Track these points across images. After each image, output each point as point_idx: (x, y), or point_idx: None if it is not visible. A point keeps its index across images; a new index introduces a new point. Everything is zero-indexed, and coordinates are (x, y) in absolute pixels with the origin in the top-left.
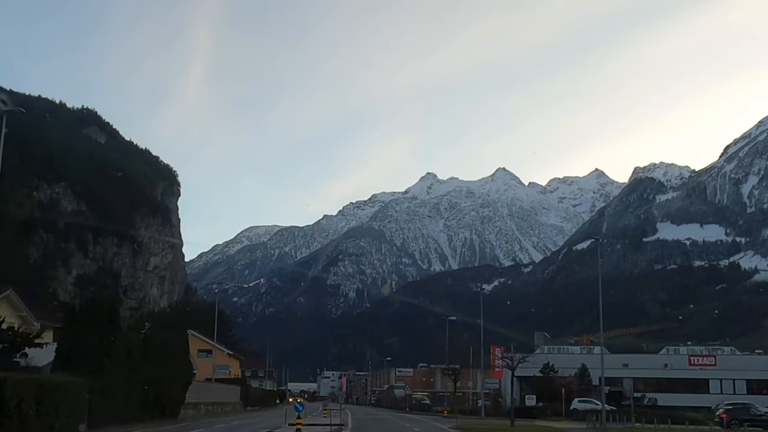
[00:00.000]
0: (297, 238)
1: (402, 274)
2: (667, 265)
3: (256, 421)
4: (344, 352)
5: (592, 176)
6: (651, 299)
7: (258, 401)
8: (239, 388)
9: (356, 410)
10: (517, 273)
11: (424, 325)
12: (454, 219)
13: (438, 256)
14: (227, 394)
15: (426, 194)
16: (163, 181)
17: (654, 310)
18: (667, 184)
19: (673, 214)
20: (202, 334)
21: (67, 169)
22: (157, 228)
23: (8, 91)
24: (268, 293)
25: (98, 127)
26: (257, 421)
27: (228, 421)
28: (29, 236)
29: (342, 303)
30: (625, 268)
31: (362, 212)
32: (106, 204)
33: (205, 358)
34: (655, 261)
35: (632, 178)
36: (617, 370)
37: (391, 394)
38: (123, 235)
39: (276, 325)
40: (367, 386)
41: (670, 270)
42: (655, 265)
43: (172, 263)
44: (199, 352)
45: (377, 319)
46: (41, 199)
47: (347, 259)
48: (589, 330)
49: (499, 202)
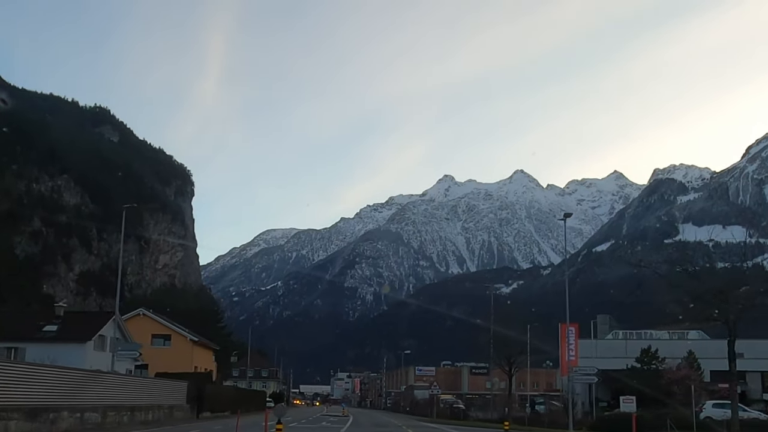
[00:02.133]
0: (314, 240)
1: (419, 276)
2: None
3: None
4: (361, 355)
5: (611, 178)
6: (673, 301)
7: (224, 405)
8: (186, 386)
9: (363, 416)
10: (536, 275)
11: (441, 328)
12: (472, 221)
13: (456, 258)
14: (163, 393)
15: (443, 196)
16: (176, 181)
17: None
18: (688, 186)
19: (695, 216)
20: (185, 325)
21: (69, 162)
22: (166, 226)
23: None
24: (285, 296)
25: (111, 126)
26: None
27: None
28: (17, 225)
29: (359, 306)
30: (645, 270)
31: (379, 215)
32: (112, 199)
33: (161, 347)
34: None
35: (652, 179)
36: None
37: (411, 395)
38: (129, 232)
39: (293, 329)
40: (381, 388)
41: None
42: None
43: (183, 263)
44: (153, 338)
45: (394, 322)
46: (41, 192)
47: (364, 262)
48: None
49: (517, 204)
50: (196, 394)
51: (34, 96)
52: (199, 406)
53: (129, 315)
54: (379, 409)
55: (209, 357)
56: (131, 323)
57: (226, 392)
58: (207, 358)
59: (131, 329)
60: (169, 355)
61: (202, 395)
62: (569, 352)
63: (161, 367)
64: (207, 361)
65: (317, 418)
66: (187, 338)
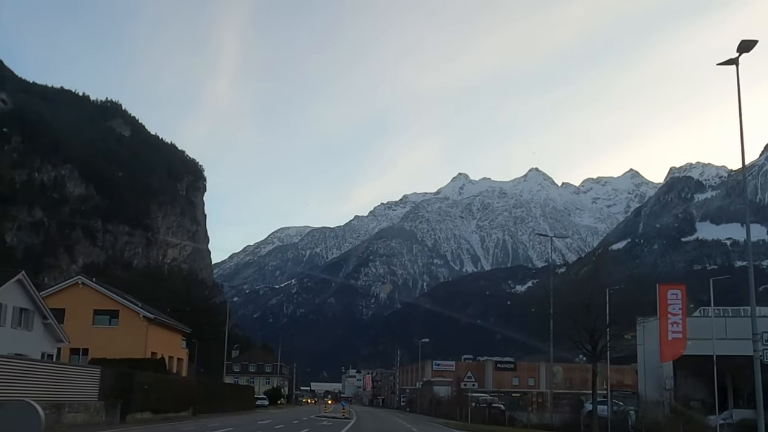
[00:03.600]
0: (328, 238)
1: (433, 275)
2: (707, 266)
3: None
4: (374, 353)
5: (626, 176)
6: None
7: (180, 403)
8: (99, 374)
9: (369, 419)
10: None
11: (456, 326)
12: (487, 219)
13: (470, 256)
14: (65, 385)
15: (458, 195)
16: (188, 176)
17: None
18: (705, 183)
19: (713, 214)
20: (173, 313)
21: (74, 153)
22: (175, 219)
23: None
24: (299, 294)
25: (122, 121)
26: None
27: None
28: (8, 212)
29: (373, 304)
30: (663, 268)
31: (393, 213)
32: (119, 192)
33: (105, 326)
34: (695, 261)
35: (668, 177)
36: None
37: (430, 392)
38: (136, 224)
39: (306, 327)
40: (395, 385)
41: (710, 270)
42: (694, 265)
43: (194, 258)
44: (96, 314)
45: (408, 320)
46: (43, 181)
47: (378, 260)
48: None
49: (532, 203)
50: (120, 388)
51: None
52: (125, 404)
53: (64, 284)
54: (392, 409)
55: (175, 342)
56: (66, 295)
57: (181, 386)
58: (171, 342)
59: (67, 302)
60: (116, 336)
61: (129, 389)
62: (672, 327)
63: (105, 352)
64: (171, 347)
65: (304, 421)
66: (139, 315)
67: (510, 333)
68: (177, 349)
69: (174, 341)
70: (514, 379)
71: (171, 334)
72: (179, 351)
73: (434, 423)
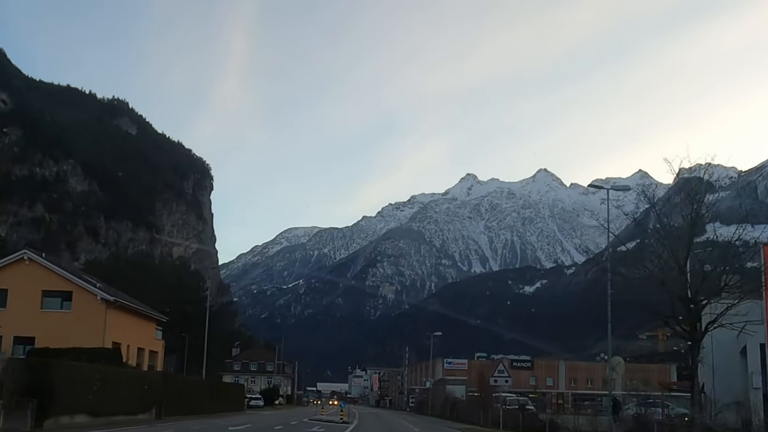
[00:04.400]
0: (336, 239)
1: (441, 275)
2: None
3: None
4: (382, 354)
5: (635, 177)
6: None
7: (129, 404)
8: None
9: (372, 422)
10: (560, 275)
11: (464, 327)
12: (495, 220)
13: (479, 257)
14: None
15: (466, 195)
16: (195, 174)
17: None
18: (715, 184)
19: (723, 214)
20: (160, 305)
21: (77, 149)
22: (180, 216)
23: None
24: (307, 294)
25: (129, 119)
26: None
27: None
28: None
29: (381, 305)
30: None
31: (401, 213)
32: (123, 188)
33: (56, 310)
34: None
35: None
36: None
37: (442, 392)
38: (139, 220)
39: (314, 327)
40: (403, 385)
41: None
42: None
43: (200, 257)
44: (45, 296)
45: (416, 321)
46: (45, 176)
47: (386, 261)
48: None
49: (540, 203)
50: (35, 383)
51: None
52: (42, 405)
53: (7, 260)
54: (400, 410)
55: (146, 331)
56: (10, 273)
57: (138, 382)
58: (140, 331)
59: (10, 281)
60: (68, 322)
61: (49, 385)
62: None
63: (56, 341)
64: (140, 337)
65: (292, 426)
66: (97, 297)
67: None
68: (148, 340)
69: (144, 330)
70: (531, 378)
71: (140, 322)
72: (152, 342)
73: (452, 429)
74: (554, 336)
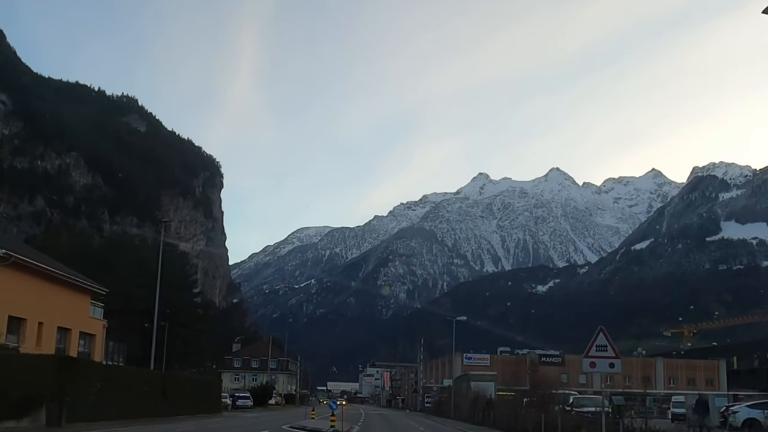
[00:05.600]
0: (348, 238)
1: (453, 275)
2: (733, 266)
3: None
4: (394, 354)
5: (648, 176)
6: (716, 300)
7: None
8: None
9: (378, 428)
10: (573, 274)
11: (477, 327)
12: (507, 219)
13: (491, 257)
14: None
15: (478, 194)
16: (205, 172)
17: (720, 312)
18: (730, 183)
19: (738, 213)
20: None
21: (80, 142)
22: (188, 212)
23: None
24: (319, 294)
25: (138, 116)
26: None
27: None
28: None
29: (392, 304)
30: (687, 268)
31: (413, 213)
32: (128, 183)
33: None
34: (720, 261)
35: (692, 177)
36: None
37: (467, 390)
38: (145, 215)
39: (326, 327)
40: (417, 383)
41: (735, 270)
42: (719, 265)
43: (209, 254)
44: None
45: (428, 321)
46: (47, 169)
47: (398, 260)
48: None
49: (553, 203)
50: None
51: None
52: None
53: None
54: (416, 411)
55: (74, 306)
56: None
57: (20, 373)
58: (63, 306)
59: None
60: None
61: None
62: None
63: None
64: (63, 313)
65: None
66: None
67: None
68: (78, 318)
69: (71, 304)
70: (563, 375)
71: (60, 291)
72: (83, 321)
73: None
74: (568, 335)
